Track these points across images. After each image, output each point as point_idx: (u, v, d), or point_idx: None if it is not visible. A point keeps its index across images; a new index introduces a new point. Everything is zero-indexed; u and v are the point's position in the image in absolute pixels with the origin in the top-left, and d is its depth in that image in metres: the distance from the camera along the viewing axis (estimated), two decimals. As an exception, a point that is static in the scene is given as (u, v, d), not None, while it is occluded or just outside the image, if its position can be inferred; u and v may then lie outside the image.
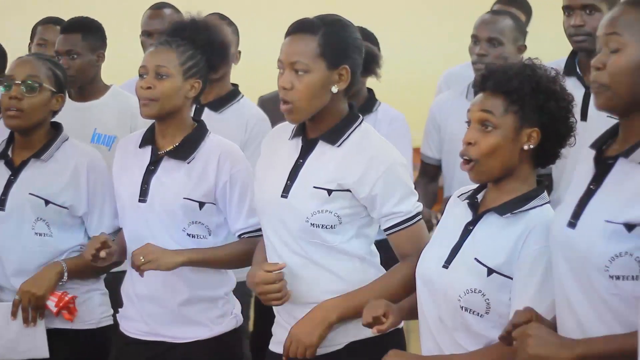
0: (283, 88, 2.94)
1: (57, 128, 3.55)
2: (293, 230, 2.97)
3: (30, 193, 3.46)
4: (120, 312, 3.43)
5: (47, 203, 3.46)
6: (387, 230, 2.99)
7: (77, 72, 4.18)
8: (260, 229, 3.20)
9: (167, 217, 3.26)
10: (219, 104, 4.15)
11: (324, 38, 2.92)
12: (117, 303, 3.49)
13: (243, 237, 3.32)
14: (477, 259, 2.65)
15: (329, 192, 2.94)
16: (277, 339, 3.09)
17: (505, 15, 4.36)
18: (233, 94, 4.21)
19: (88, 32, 4.23)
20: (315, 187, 2.95)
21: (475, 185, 2.79)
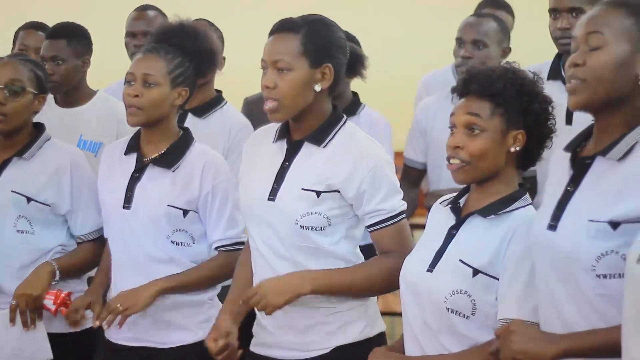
0: (266, 87, 2.93)
1: (39, 128, 3.56)
2: (282, 234, 2.96)
3: (12, 190, 3.47)
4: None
5: (29, 200, 3.47)
6: (370, 227, 2.98)
7: (62, 77, 4.16)
8: (239, 243, 3.24)
9: (151, 224, 3.26)
10: (203, 110, 4.13)
11: (307, 36, 2.92)
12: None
13: (220, 249, 3.33)
14: (462, 261, 2.66)
15: (318, 193, 2.94)
16: (257, 340, 3.09)
17: (490, 18, 4.37)
18: (217, 100, 4.20)
19: (73, 37, 4.22)
20: (304, 189, 2.94)
21: (456, 193, 2.80)
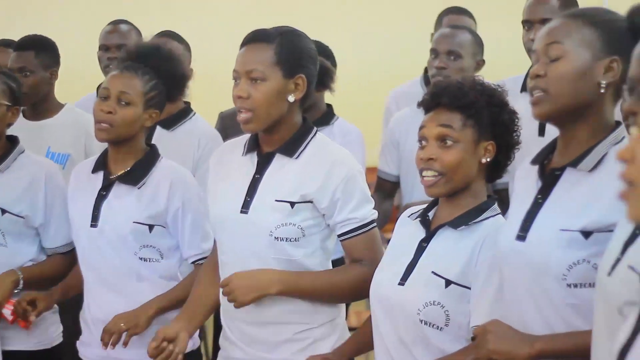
0: (239, 97, 2.90)
1: (12, 141, 3.54)
2: (256, 246, 2.93)
3: None
4: (80, 339, 3.41)
5: (3, 212, 3.44)
6: (341, 236, 2.97)
7: (30, 89, 4.15)
8: None
9: (118, 241, 3.25)
10: (171, 122, 4.12)
11: (280, 47, 2.90)
12: (75, 325, 3.46)
13: (197, 263, 3.32)
14: (434, 272, 2.64)
15: (292, 204, 2.91)
16: (225, 354, 3.07)
17: (465, 30, 4.39)
18: (185, 112, 4.18)
19: (41, 49, 4.22)
20: (278, 200, 2.92)
21: (425, 205, 2.79)
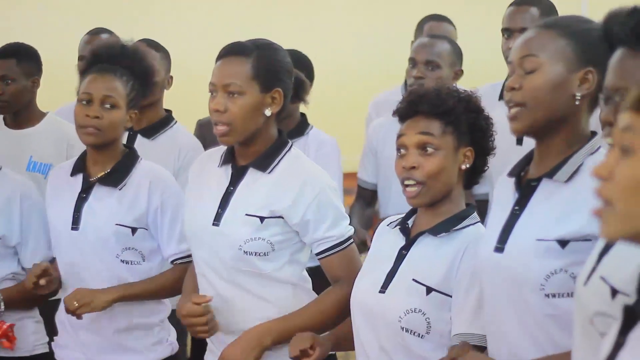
0: (216, 111, 2.90)
1: None
2: (226, 259, 2.94)
3: None
4: (56, 340, 3.39)
5: None
6: (319, 255, 2.97)
7: (11, 97, 4.13)
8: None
9: (99, 244, 3.24)
10: (152, 131, 4.11)
11: (257, 60, 2.91)
12: (52, 331, 3.44)
13: (176, 262, 3.31)
14: (415, 280, 2.64)
15: (262, 219, 2.91)
16: None
17: (444, 40, 4.38)
18: (166, 121, 4.18)
19: (23, 57, 4.19)
20: (248, 214, 2.92)
21: (403, 214, 2.79)
